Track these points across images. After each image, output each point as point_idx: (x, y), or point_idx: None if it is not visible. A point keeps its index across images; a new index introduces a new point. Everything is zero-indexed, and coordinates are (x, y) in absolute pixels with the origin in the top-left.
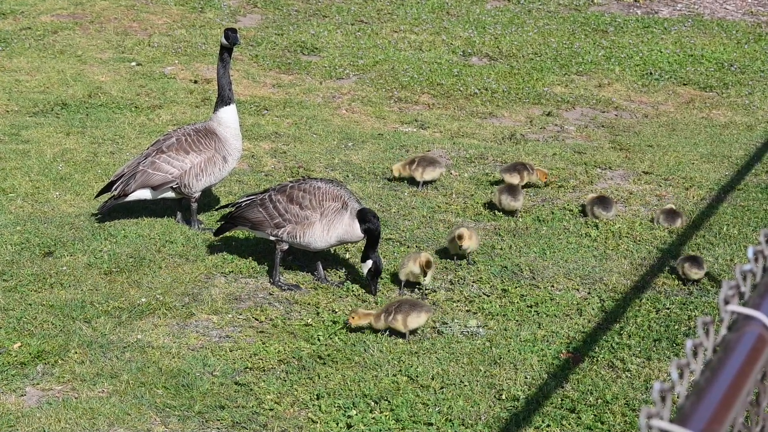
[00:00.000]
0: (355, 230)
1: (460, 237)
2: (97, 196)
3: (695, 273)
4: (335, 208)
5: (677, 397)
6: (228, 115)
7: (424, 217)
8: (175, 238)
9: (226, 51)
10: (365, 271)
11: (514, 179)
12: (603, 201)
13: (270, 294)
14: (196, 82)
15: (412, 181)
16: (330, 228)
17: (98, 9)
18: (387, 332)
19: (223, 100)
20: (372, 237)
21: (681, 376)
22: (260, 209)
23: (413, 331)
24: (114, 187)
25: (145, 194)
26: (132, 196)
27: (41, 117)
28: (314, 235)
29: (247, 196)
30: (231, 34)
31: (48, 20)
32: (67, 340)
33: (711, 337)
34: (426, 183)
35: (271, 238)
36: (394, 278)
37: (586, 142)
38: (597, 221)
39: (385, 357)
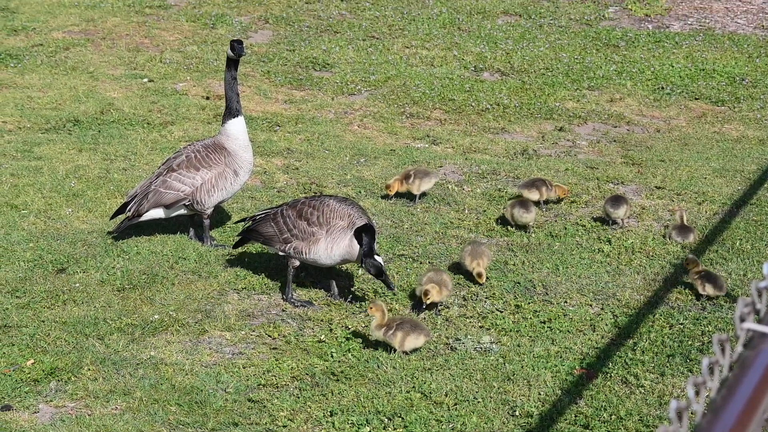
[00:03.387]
0: (355, 251)
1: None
2: (113, 217)
3: (710, 290)
4: (341, 227)
5: (693, 415)
6: (236, 127)
7: (437, 232)
8: (188, 254)
9: (232, 63)
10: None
11: (533, 195)
12: (614, 199)
13: (283, 310)
14: (208, 98)
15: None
16: (334, 246)
17: (110, 25)
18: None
19: (230, 112)
20: (364, 250)
21: (697, 394)
22: (272, 224)
23: (409, 352)
24: (128, 208)
25: (158, 213)
26: (146, 216)
27: (53, 133)
28: (319, 251)
29: (263, 210)
30: (237, 45)
31: (60, 37)
32: (80, 356)
33: (727, 355)
34: (422, 195)
35: (280, 253)
36: (411, 296)
37: (599, 157)
38: (610, 237)
39: (398, 373)
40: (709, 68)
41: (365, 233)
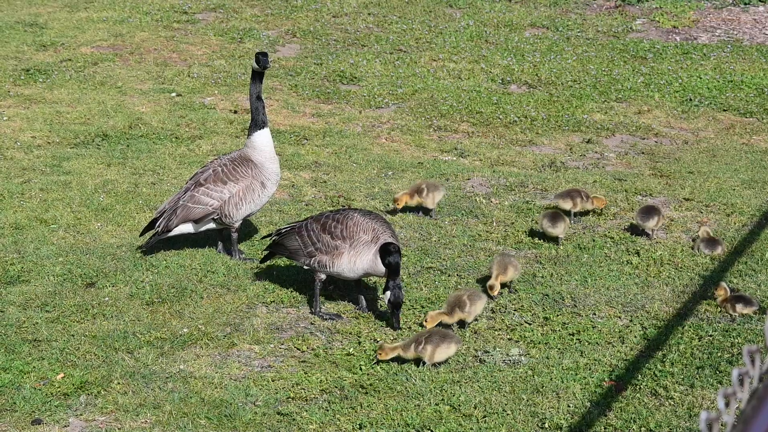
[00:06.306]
0: (379, 266)
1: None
2: (142, 234)
3: (742, 309)
4: (365, 241)
5: (724, 427)
6: (261, 138)
7: (465, 245)
8: (217, 268)
9: (257, 75)
10: (386, 302)
11: (566, 205)
12: (646, 210)
13: (311, 324)
14: (235, 112)
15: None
16: (357, 260)
17: (138, 40)
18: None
19: (256, 124)
20: (391, 269)
21: (728, 405)
22: (297, 237)
23: (441, 363)
24: (157, 224)
25: (187, 228)
26: (175, 231)
27: (82, 148)
28: (342, 265)
29: (289, 224)
30: (262, 57)
31: (88, 52)
32: (109, 370)
33: (757, 366)
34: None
35: (305, 267)
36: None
37: (627, 169)
38: (638, 249)
39: (427, 386)
40: (737, 80)
41: (391, 255)
